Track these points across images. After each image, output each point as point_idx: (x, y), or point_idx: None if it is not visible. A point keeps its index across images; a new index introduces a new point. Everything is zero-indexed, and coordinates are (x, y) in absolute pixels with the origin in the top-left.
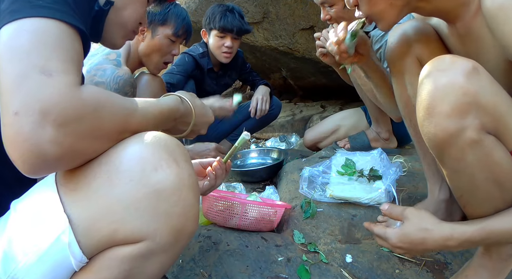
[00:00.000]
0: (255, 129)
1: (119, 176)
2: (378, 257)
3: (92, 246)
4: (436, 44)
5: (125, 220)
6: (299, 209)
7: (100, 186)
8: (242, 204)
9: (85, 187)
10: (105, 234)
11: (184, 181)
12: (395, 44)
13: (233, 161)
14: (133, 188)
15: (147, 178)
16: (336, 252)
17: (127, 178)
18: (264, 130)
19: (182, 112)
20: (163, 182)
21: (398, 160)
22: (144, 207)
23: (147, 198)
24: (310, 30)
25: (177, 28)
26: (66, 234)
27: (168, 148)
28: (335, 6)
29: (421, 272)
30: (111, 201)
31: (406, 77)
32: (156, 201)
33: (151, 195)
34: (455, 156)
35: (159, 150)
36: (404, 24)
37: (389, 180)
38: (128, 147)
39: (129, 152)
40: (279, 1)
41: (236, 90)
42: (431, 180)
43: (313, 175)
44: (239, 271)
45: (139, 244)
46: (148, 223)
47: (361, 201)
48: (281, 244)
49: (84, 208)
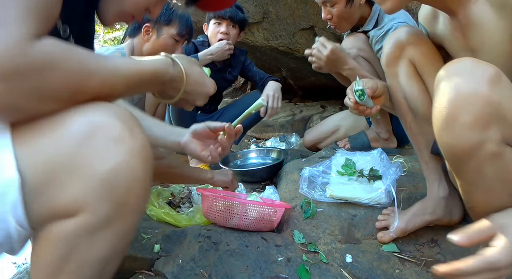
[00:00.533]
0: (252, 124)
1: (67, 138)
2: (378, 257)
3: (35, 211)
4: (427, 46)
5: (66, 185)
6: (299, 209)
7: (50, 145)
8: (242, 204)
9: (37, 143)
10: (48, 199)
11: (134, 152)
12: (389, 50)
13: (233, 161)
14: (78, 152)
15: (95, 143)
16: (336, 252)
17: (75, 140)
18: (264, 130)
19: (172, 76)
20: (110, 149)
21: (398, 160)
22: (86, 173)
23: (90, 164)
24: (310, 30)
25: (182, 28)
26: (13, 188)
27: (122, 117)
28: (336, 5)
29: (421, 272)
30: (57, 164)
31: (401, 79)
32: (99, 170)
33: (95, 162)
34: (473, 168)
35: (113, 117)
36: (397, 31)
37: (389, 180)
38: (82, 112)
39: (82, 116)
40: (279, 1)
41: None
42: (430, 178)
43: (313, 175)
44: (239, 271)
45: (80, 217)
46: (86, 191)
47: (361, 201)
48: (281, 244)
49: (35, 166)
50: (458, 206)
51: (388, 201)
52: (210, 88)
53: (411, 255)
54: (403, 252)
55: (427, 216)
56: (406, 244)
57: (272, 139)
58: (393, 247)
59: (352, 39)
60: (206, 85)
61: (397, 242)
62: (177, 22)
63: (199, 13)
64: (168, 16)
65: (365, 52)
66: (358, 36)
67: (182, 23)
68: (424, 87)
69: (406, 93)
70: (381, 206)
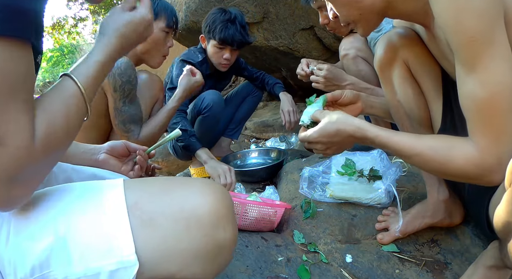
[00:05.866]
0: (248, 115)
1: (196, 228)
2: (378, 257)
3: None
4: (420, 47)
5: (190, 265)
6: (299, 209)
7: (177, 232)
8: (242, 204)
9: (160, 227)
10: (165, 275)
11: (234, 239)
12: (382, 53)
13: (233, 161)
14: (205, 241)
15: (217, 235)
16: (336, 252)
17: (202, 231)
18: (264, 130)
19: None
20: (225, 239)
21: (398, 160)
22: (208, 258)
23: (212, 251)
24: (310, 30)
25: (170, 19)
26: (131, 269)
27: (228, 206)
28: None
29: (421, 272)
30: (183, 248)
31: (395, 82)
32: (217, 255)
33: (216, 249)
34: None
35: (224, 208)
36: (388, 33)
37: (389, 180)
38: (197, 197)
39: (201, 204)
40: (279, 1)
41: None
42: (429, 182)
43: (313, 175)
44: (239, 271)
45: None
46: (206, 270)
47: (361, 201)
48: (281, 244)
49: (155, 248)
50: (458, 208)
51: (388, 201)
52: (149, 30)
53: (411, 255)
54: (403, 252)
55: (427, 219)
56: (406, 244)
57: (272, 139)
58: (393, 247)
59: (351, 40)
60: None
61: (397, 242)
62: (163, 15)
63: (199, 13)
64: (154, 11)
65: (364, 52)
66: (357, 36)
67: (168, 15)
68: (418, 90)
69: (401, 96)
70: (381, 206)
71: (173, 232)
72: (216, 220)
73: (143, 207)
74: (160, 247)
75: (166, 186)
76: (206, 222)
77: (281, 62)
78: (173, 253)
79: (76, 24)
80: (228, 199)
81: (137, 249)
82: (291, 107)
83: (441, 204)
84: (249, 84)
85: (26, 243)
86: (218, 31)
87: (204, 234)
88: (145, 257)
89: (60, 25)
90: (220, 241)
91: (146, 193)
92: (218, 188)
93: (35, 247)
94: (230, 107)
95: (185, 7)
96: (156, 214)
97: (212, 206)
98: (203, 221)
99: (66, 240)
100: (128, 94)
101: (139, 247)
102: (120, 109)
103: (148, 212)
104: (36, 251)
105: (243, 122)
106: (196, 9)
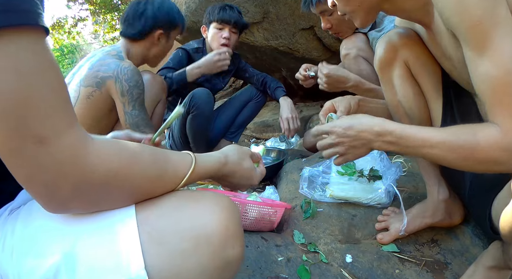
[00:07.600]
0: (250, 119)
1: (205, 246)
2: (378, 257)
3: None
4: (420, 47)
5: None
6: (299, 209)
7: (186, 250)
8: (242, 204)
9: (168, 245)
10: None
11: (242, 254)
12: (382, 53)
13: None
14: (213, 258)
15: (225, 253)
16: (336, 252)
17: (211, 249)
18: (264, 130)
19: (222, 175)
20: (234, 256)
21: (398, 160)
22: (216, 273)
23: (220, 267)
24: (310, 30)
25: (183, 27)
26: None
27: (237, 223)
28: (334, 13)
29: (421, 272)
30: (191, 266)
31: (395, 82)
32: (224, 270)
33: (224, 265)
34: None
35: (233, 225)
36: (388, 33)
37: (389, 180)
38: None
39: (211, 222)
40: (279, 1)
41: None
42: (429, 182)
43: (313, 175)
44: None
45: None
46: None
47: (361, 201)
48: (281, 244)
49: (163, 265)
50: (458, 208)
51: (388, 201)
52: (255, 181)
53: (411, 255)
54: (403, 252)
55: (427, 219)
56: (406, 244)
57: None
58: (393, 247)
59: (352, 39)
60: (252, 179)
61: (397, 242)
62: (180, 23)
63: (199, 13)
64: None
65: (365, 52)
66: (358, 36)
67: (181, 22)
68: (418, 90)
69: (401, 96)
70: (381, 206)
71: (181, 250)
72: (225, 238)
73: (153, 223)
74: (168, 265)
75: (177, 202)
76: (215, 241)
77: (281, 62)
78: (181, 271)
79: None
80: (237, 214)
81: (146, 266)
82: (290, 114)
83: (441, 204)
84: (252, 88)
85: (32, 260)
86: (217, 13)
87: (212, 251)
88: (153, 274)
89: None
90: (229, 258)
91: (157, 208)
92: (228, 204)
93: (42, 264)
94: (231, 110)
95: (185, 7)
96: (166, 231)
97: (221, 224)
98: (212, 240)
99: (74, 256)
100: (137, 98)
101: (148, 263)
102: (130, 112)
103: (158, 228)
104: (42, 268)
105: (243, 126)
106: (196, 9)
